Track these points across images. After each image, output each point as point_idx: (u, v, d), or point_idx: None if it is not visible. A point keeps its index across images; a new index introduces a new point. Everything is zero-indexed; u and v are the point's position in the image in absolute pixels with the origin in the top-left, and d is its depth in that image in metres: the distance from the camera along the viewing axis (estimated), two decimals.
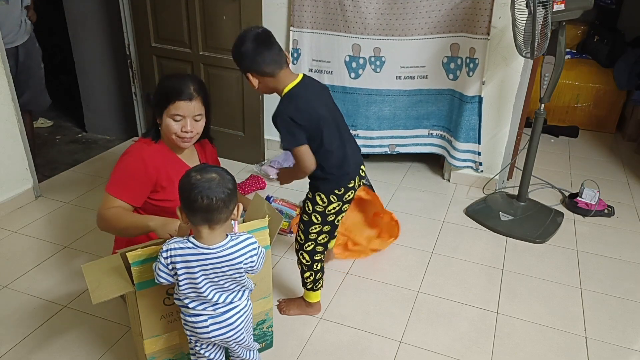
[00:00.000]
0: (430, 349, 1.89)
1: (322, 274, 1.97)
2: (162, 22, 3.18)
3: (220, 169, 1.38)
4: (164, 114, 1.77)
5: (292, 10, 2.96)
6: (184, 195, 1.33)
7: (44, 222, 2.63)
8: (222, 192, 1.32)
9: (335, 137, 1.78)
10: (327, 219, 1.87)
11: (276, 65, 1.70)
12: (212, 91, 3.19)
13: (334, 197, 1.83)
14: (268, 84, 1.73)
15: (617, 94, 3.94)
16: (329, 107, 1.82)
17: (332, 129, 1.77)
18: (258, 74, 1.72)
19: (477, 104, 2.85)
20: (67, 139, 3.75)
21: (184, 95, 1.74)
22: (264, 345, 1.85)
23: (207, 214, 1.32)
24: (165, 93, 1.76)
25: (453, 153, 3.02)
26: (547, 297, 2.18)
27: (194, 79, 1.82)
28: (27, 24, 2.81)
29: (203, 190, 1.30)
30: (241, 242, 1.39)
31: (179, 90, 1.74)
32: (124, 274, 1.48)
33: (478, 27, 2.70)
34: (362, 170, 1.92)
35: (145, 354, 1.58)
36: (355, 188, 1.88)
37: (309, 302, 2.02)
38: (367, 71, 3.00)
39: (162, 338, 1.59)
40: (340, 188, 1.83)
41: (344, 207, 1.88)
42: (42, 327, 1.94)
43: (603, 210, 2.81)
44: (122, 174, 1.79)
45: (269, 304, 1.79)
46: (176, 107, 1.74)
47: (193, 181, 1.32)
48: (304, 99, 1.72)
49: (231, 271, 1.38)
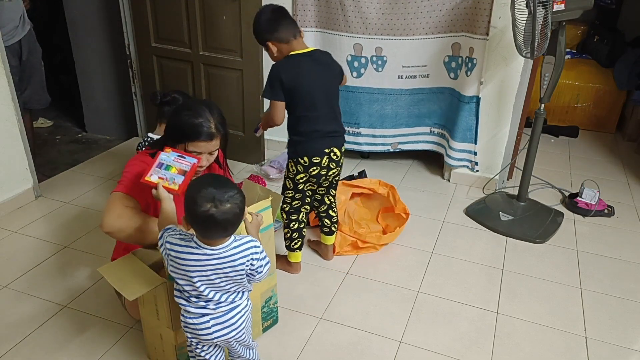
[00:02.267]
0: (430, 349, 1.89)
1: (299, 236, 2.21)
2: (162, 22, 3.18)
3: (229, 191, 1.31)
4: (178, 145, 1.69)
5: (295, 10, 2.96)
6: (197, 221, 1.31)
7: (44, 222, 2.63)
8: (236, 214, 1.32)
9: (310, 110, 2.01)
10: (298, 187, 2.14)
11: (291, 33, 1.99)
12: (212, 91, 3.19)
13: (300, 166, 2.08)
14: (284, 51, 2.00)
15: (617, 94, 3.94)
16: (321, 83, 2.03)
17: (310, 101, 2.00)
18: (276, 41, 1.99)
19: (474, 104, 2.86)
20: (67, 139, 3.75)
21: (205, 136, 1.67)
22: (270, 323, 1.93)
23: (224, 233, 1.35)
24: (183, 130, 1.67)
25: (449, 152, 3.03)
26: (547, 297, 2.18)
27: (215, 112, 1.71)
28: (25, 17, 2.82)
29: (221, 222, 1.30)
30: (244, 243, 1.39)
31: (199, 130, 1.65)
32: (147, 271, 1.53)
33: (477, 27, 2.70)
34: (335, 155, 2.10)
35: (174, 345, 1.64)
36: (322, 166, 2.08)
37: (289, 261, 2.26)
38: (369, 70, 3.01)
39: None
40: (303, 157, 2.05)
41: (312, 180, 2.12)
42: (42, 327, 1.94)
43: (603, 210, 2.81)
44: (128, 174, 1.72)
45: (274, 281, 1.90)
46: (195, 146, 1.67)
47: (209, 214, 1.28)
48: (297, 65, 1.98)
49: (232, 273, 1.38)
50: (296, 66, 1.97)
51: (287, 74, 1.95)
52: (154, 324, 1.69)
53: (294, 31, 2.00)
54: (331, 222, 2.29)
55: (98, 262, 2.27)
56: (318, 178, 2.11)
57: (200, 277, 1.37)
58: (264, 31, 2.01)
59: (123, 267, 1.57)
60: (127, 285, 1.50)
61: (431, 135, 3.16)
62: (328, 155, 2.07)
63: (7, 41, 2.67)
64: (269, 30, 1.99)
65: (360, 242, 2.37)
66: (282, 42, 1.99)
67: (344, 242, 2.37)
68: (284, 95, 1.98)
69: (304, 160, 2.06)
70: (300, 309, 2.06)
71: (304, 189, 2.15)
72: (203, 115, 1.68)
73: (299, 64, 1.98)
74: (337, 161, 2.12)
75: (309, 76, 1.98)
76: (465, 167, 3.04)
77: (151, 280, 1.51)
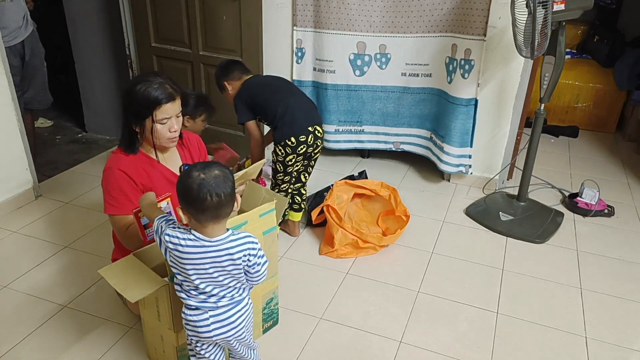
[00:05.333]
0: (430, 349, 1.89)
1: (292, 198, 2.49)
2: (162, 22, 3.18)
3: (217, 164, 1.37)
4: (146, 122, 1.70)
5: (295, 9, 2.96)
6: (189, 195, 1.32)
7: (44, 222, 2.63)
8: (228, 187, 1.33)
9: (274, 96, 2.33)
10: (287, 170, 2.35)
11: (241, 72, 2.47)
12: (212, 91, 3.19)
13: (289, 148, 2.29)
14: (236, 87, 2.43)
15: (617, 94, 3.94)
16: (273, 78, 2.51)
17: (269, 91, 2.36)
18: (231, 80, 2.44)
19: (472, 107, 2.85)
20: (67, 139, 3.75)
21: (167, 98, 1.69)
22: (271, 324, 1.92)
23: (217, 210, 1.33)
24: (145, 100, 1.67)
25: (445, 158, 2.99)
26: (547, 297, 2.18)
27: (164, 77, 1.74)
28: (29, 17, 2.81)
29: (211, 189, 1.30)
30: (242, 237, 1.39)
31: (160, 95, 1.68)
32: (149, 272, 1.53)
33: (474, 27, 2.69)
34: (318, 132, 2.35)
35: (175, 346, 1.64)
36: (309, 144, 2.32)
37: (288, 220, 2.52)
38: (373, 68, 3.02)
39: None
40: (290, 138, 2.27)
41: (299, 160, 2.35)
42: (42, 327, 1.94)
43: (603, 210, 2.81)
44: (111, 191, 1.73)
45: (276, 282, 1.91)
46: (162, 111, 1.69)
47: (199, 181, 1.30)
48: (247, 86, 2.40)
49: (231, 266, 1.38)
50: (245, 88, 2.39)
51: (243, 93, 2.37)
52: (155, 325, 1.69)
53: (244, 70, 2.47)
54: (301, 200, 2.53)
55: (98, 262, 2.27)
56: (305, 156, 2.36)
57: (196, 271, 1.37)
58: (219, 76, 2.46)
59: (124, 268, 1.56)
60: (129, 286, 1.49)
61: (429, 141, 3.13)
62: (313, 133, 2.32)
63: (10, 42, 2.67)
64: (224, 74, 2.44)
65: (361, 241, 2.37)
66: (234, 79, 2.42)
67: (345, 239, 2.37)
68: (251, 111, 2.38)
69: (291, 141, 2.28)
70: (300, 309, 2.06)
71: (292, 172, 2.37)
72: (155, 80, 1.69)
73: (250, 80, 2.42)
74: (320, 138, 2.38)
75: (258, 77, 2.49)
76: (460, 171, 3.03)
77: (153, 282, 1.51)
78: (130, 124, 1.73)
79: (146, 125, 1.71)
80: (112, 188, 1.73)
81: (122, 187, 1.72)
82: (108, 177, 1.74)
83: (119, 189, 1.72)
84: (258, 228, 1.67)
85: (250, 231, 1.47)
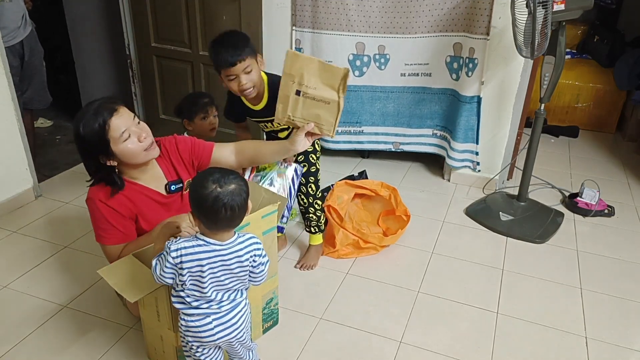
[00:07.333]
0: (430, 349, 1.89)
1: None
2: (162, 22, 3.18)
3: (234, 176, 1.35)
4: (111, 149, 1.60)
5: (294, 9, 2.96)
6: (203, 206, 1.31)
7: (44, 222, 2.63)
8: (242, 199, 1.34)
9: None
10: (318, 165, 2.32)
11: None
12: (212, 91, 3.19)
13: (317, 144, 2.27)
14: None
15: (617, 94, 3.94)
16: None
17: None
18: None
19: (476, 104, 2.86)
20: (67, 139, 3.75)
21: (109, 114, 1.58)
22: (271, 324, 1.93)
23: (231, 221, 1.36)
24: (93, 134, 1.57)
25: (451, 154, 3.03)
26: (547, 297, 2.18)
27: (100, 99, 1.64)
28: (27, 17, 2.81)
29: (227, 203, 1.30)
30: (247, 239, 1.41)
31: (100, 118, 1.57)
32: (148, 272, 1.52)
33: (478, 26, 2.70)
34: None
35: (175, 346, 1.64)
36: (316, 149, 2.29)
37: (319, 244, 2.37)
38: (372, 69, 3.02)
39: None
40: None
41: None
42: (42, 327, 1.94)
43: (603, 210, 2.81)
44: (98, 222, 1.70)
45: (275, 282, 1.91)
46: (114, 129, 1.59)
47: (215, 194, 1.30)
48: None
49: (238, 268, 1.39)
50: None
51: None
52: (155, 325, 1.69)
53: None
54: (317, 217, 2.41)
55: (98, 262, 2.27)
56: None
57: (212, 273, 1.37)
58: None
59: (123, 268, 1.56)
60: (128, 286, 1.50)
61: (433, 137, 3.16)
62: None
63: (9, 42, 2.67)
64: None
65: (362, 241, 2.37)
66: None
67: (346, 239, 2.37)
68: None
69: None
70: (300, 309, 2.06)
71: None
72: (89, 110, 1.59)
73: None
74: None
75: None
76: (467, 167, 3.04)
77: (152, 282, 1.51)
78: (102, 165, 1.65)
79: (115, 152, 1.61)
80: (97, 219, 1.69)
81: (107, 218, 1.68)
82: (91, 208, 1.70)
83: (103, 219, 1.68)
84: (258, 228, 1.68)
85: (251, 232, 1.49)
